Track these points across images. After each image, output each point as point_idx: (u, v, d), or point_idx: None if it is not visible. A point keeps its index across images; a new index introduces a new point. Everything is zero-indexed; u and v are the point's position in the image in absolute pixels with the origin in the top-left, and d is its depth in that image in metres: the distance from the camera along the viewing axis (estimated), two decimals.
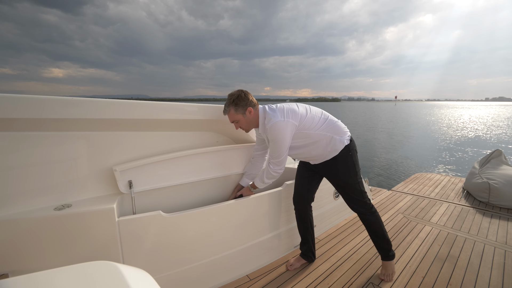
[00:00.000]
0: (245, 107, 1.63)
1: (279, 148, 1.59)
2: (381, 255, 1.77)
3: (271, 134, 1.57)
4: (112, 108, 1.45)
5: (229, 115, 1.67)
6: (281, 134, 1.55)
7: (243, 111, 1.64)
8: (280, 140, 1.57)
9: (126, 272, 0.54)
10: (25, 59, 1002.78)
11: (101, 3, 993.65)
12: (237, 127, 1.72)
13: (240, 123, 1.68)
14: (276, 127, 1.54)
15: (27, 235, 1.24)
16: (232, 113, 1.64)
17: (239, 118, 1.66)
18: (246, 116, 1.65)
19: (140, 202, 1.66)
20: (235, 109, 1.63)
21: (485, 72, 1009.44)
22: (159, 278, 1.47)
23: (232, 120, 1.68)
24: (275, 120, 1.54)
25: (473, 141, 14.46)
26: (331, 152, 1.63)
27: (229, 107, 1.64)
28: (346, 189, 1.68)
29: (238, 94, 1.63)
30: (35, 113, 1.24)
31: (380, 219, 1.72)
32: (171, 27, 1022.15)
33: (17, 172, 1.30)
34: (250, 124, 1.69)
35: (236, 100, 1.62)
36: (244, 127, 1.71)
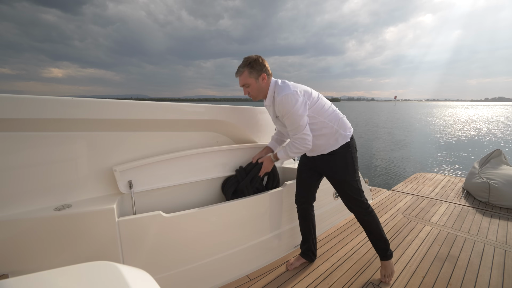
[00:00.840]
0: (259, 72, 1.57)
1: (295, 119, 1.52)
2: (380, 255, 1.76)
3: (282, 107, 1.52)
4: (112, 108, 1.45)
5: (241, 76, 1.60)
6: (294, 105, 1.50)
7: (256, 76, 1.58)
8: (294, 111, 1.50)
9: (126, 273, 0.54)
10: (25, 59, 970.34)
11: (100, 3, 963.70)
12: (245, 92, 1.65)
13: (250, 88, 1.61)
14: (287, 99, 1.49)
15: (27, 235, 1.24)
16: (246, 75, 1.58)
17: (251, 82, 1.59)
18: (258, 82, 1.59)
19: (140, 202, 1.66)
20: (249, 71, 1.57)
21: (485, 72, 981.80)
22: (159, 278, 1.47)
23: (243, 83, 1.61)
24: (286, 92, 1.50)
25: (473, 141, 14.47)
26: (332, 145, 1.62)
27: (243, 68, 1.58)
28: (343, 186, 1.66)
29: (255, 58, 1.57)
30: (35, 114, 1.24)
31: (377, 219, 1.71)
32: (171, 27, 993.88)
33: (17, 173, 1.30)
34: (260, 91, 1.63)
35: (252, 63, 1.56)
36: (253, 94, 1.64)
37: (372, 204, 3.11)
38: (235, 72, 1.64)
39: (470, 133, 18.00)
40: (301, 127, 1.55)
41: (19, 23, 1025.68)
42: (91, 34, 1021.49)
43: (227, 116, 1.93)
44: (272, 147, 2.00)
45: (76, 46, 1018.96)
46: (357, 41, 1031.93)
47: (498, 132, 18.71)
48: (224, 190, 1.96)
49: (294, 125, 1.55)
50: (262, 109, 2.19)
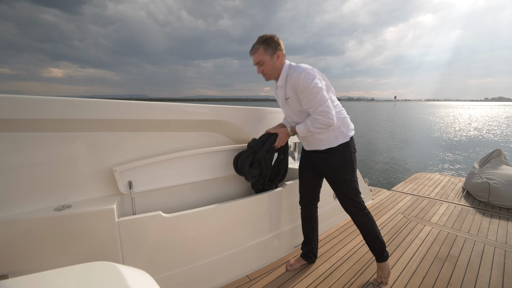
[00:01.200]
0: (274, 50, 1.55)
1: (315, 94, 1.46)
2: (376, 257, 1.74)
3: (300, 83, 1.47)
4: (112, 108, 1.45)
5: (256, 54, 1.57)
6: (313, 81, 1.46)
7: (271, 53, 1.55)
8: (313, 86, 1.45)
9: (126, 273, 0.54)
10: (24, 59, 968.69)
11: (100, 3, 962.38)
12: (259, 71, 1.62)
13: (265, 65, 1.58)
14: (306, 74, 1.46)
15: (27, 235, 1.24)
16: (261, 52, 1.55)
17: (265, 60, 1.56)
18: (273, 60, 1.56)
19: (140, 203, 1.66)
20: (264, 48, 1.54)
21: (484, 72, 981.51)
22: (159, 279, 1.46)
23: (258, 60, 1.57)
24: (303, 69, 1.48)
25: (473, 141, 14.47)
26: (331, 142, 1.60)
27: (259, 45, 1.54)
28: (341, 186, 1.65)
29: (271, 36, 1.55)
30: (35, 114, 1.24)
31: (373, 220, 1.70)
32: (171, 27, 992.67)
33: (17, 173, 1.30)
34: (274, 70, 1.60)
35: (268, 40, 1.54)
36: (267, 72, 1.60)
37: (372, 204, 3.11)
38: (250, 50, 1.61)
39: (470, 133, 18.00)
40: (323, 100, 1.48)
41: (19, 23, 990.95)
42: (91, 34, 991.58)
43: (227, 116, 1.93)
44: (285, 124, 1.92)
45: (76, 46, 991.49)
46: (357, 41, 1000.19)
47: (498, 132, 18.72)
48: (239, 165, 1.85)
49: (315, 99, 1.48)
50: (262, 109, 2.19)
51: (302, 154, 1.87)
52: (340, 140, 1.60)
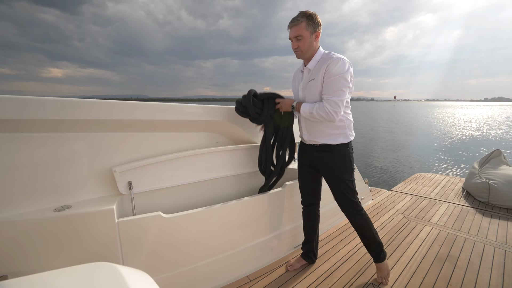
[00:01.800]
0: (315, 28, 1.50)
1: (341, 84, 1.45)
2: (374, 258, 1.74)
3: (337, 67, 1.44)
4: (112, 109, 1.45)
5: (298, 26, 1.48)
6: (347, 71, 1.45)
7: (313, 30, 1.49)
8: (344, 76, 1.45)
9: (126, 274, 0.54)
10: (24, 59, 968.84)
11: (99, 3, 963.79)
12: (295, 46, 1.54)
13: (303, 41, 1.50)
14: (344, 62, 1.45)
15: (26, 236, 1.24)
16: (303, 26, 1.47)
17: (306, 35, 1.49)
18: (312, 37, 1.51)
19: (140, 203, 1.66)
20: (307, 23, 1.47)
21: (484, 72, 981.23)
22: (159, 279, 1.46)
23: (297, 33, 1.49)
24: (345, 59, 1.46)
25: (472, 141, 14.48)
26: (332, 139, 1.60)
27: (302, 18, 1.47)
28: (339, 185, 1.64)
29: (314, 13, 1.48)
30: (34, 114, 1.24)
31: (369, 221, 1.69)
32: (170, 27, 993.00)
33: (17, 173, 1.30)
34: (310, 48, 1.53)
35: (312, 15, 1.47)
36: (304, 48, 1.53)
37: (372, 204, 3.11)
38: (290, 22, 1.52)
39: (470, 133, 18.02)
40: (342, 94, 1.47)
41: (18, 23, 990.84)
42: (91, 34, 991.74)
43: (226, 117, 1.93)
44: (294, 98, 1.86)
45: (76, 46, 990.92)
46: (357, 41, 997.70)
47: (497, 132, 18.73)
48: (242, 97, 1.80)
49: (337, 88, 1.45)
50: None
51: (300, 152, 1.85)
52: (341, 140, 1.61)
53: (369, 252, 1.75)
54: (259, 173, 2.08)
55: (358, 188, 2.94)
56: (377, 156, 10.57)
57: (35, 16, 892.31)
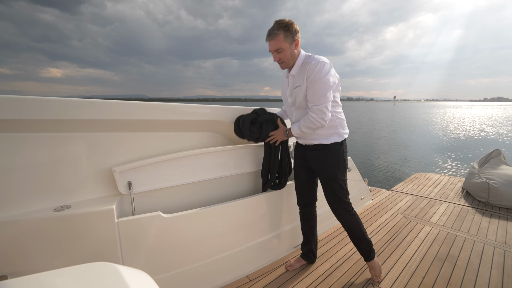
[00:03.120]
0: (294, 37, 1.48)
1: (323, 88, 1.45)
2: (364, 257, 1.75)
3: (315, 72, 1.44)
4: (112, 109, 1.45)
5: (276, 40, 1.46)
6: (327, 74, 1.44)
7: (291, 41, 1.48)
8: (325, 79, 1.44)
9: (126, 273, 0.54)
10: (23, 59, 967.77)
11: (98, 2, 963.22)
12: (276, 58, 1.53)
13: (283, 53, 1.49)
14: (323, 66, 1.44)
15: (26, 236, 1.23)
16: (281, 38, 1.45)
17: (285, 47, 1.47)
18: (292, 47, 1.49)
19: (140, 203, 1.66)
20: (285, 35, 1.45)
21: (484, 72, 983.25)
22: (159, 279, 1.46)
23: (277, 47, 1.48)
24: (323, 60, 1.45)
25: (472, 141, 14.49)
26: (325, 138, 1.61)
27: (279, 31, 1.45)
28: (332, 184, 1.64)
29: (291, 22, 1.46)
30: (34, 114, 1.24)
31: (359, 221, 1.70)
32: (170, 27, 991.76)
33: (17, 174, 1.30)
34: (292, 57, 1.53)
35: (289, 26, 1.45)
36: (286, 59, 1.53)
37: (372, 204, 3.11)
38: (267, 35, 1.51)
39: (469, 133, 18.03)
40: (325, 99, 1.46)
41: (17, 22, 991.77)
42: (90, 33, 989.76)
43: (226, 117, 1.93)
44: (279, 115, 1.90)
45: (75, 46, 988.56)
46: (357, 41, 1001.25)
47: (497, 131, 18.75)
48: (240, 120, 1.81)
49: (319, 94, 1.46)
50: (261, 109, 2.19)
51: (296, 153, 1.86)
52: (334, 139, 1.61)
53: (359, 252, 1.76)
54: (259, 173, 2.08)
55: (358, 188, 2.95)
56: (377, 156, 10.58)
57: (34, 16, 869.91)
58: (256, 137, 1.81)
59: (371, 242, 1.73)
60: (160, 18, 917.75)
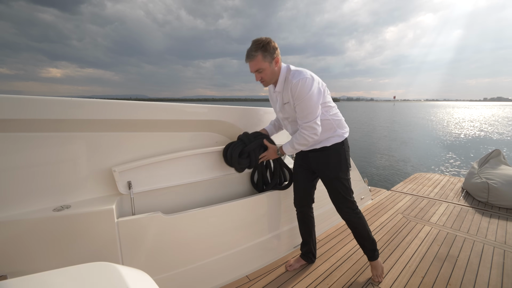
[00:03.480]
0: (273, 56, 1.48)
1: (309, 105, 1.46)
2: (368, 256, 1.75)
3: (298, 90, 1.44)
4: (111, 108, 1.45)
5: (254, 61, 1.47)
6: (310, 90, 1.44)
7: (270, 60, 1.48)
8: (309, 96, 1.44)
9: (125, 273, 0.54)
10: (23, 58, 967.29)
11: (98, 2, 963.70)
12: (258, 78, 1.54)
13: (264, 72, 1.50)
14: (305, 83, 1.43)
15: (26, 236, 1.23)
16: (259, 59, 1.46)
17: (265, 67, 1.48)
18: (272, 66, 1.50)
19: (140, 203, 1.66)
20: (263, 55, 1.45)
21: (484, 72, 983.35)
22: (159, 279, 1.46)
23: (256, 68, 1.49)
24: (304, 76, 1.45)
25: (472, 141, 14.50)
26: (325, 140, 1.62)
27: (257, 52, 1.45)
28: (335, 184, 1.65)
29: (268, 41, 1.45)
30: (33, 114, 1.24)
31: (364, 220, 1.70)
32: (170, 27, 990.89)
33: (16, 173, 1.30)
34: (273, 75, 1.54)
35: (266, 45, 1.44)
36: (267, 78, 1.54)
37: (372, 204, 3.11)
38: (246, 57, 1.52)
39: (469, 133, 18.03)
40: (314, 114, 1.49)
41: (16, 22, 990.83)
42: (89, 33, 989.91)
43: (226, 117, 1.93)
44: (268, 130, 1.93)
45: (75, 46, 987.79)
46: (357, 41, 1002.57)
47: (497, 131, 18.75)
48: (228, 154, 1.81)
49: (307, 111, 1.48)
50: (261, 109, 2.19)
51: (297, 156, 1.87)
52: (335, 140, 1.62)
53: (364, 251, 1.76)
54: None
55: (358, 188, 2.95)
56: (377, 156, 10.58)
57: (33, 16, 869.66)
58: (247, 166, 1.83)
59: (375, 242, 1.73)
60: (160, 18, 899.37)
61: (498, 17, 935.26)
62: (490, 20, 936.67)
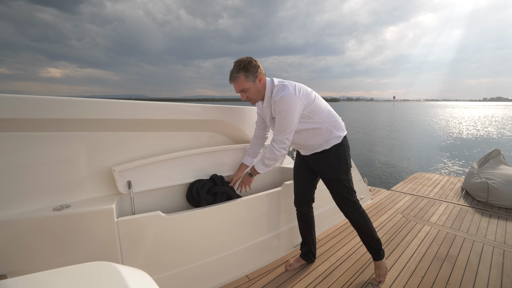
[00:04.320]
0: (255, 74, 1.51)
1: (286, 121, 1.51)
2: (373, 256, 1.76)
3: (280, 107, 1.48)
4: (111, 108, 1.45)
5: (238, 82, 1.51)
6: (290, 107, 1.48)
7: (253, 79, 1.51)
8: (289, 113, 1.49)
9: (125, 273, 0.54)
10: (22, 58, 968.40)
11: (97, 2, 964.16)
12: (244, 98, 1.57)
13: (249, 92, 1.54)
14: (286, 100, 1.47)
15: (25, 235, 1.23)
16: (242, 80, 1.50)
17: (249, 86, 1.52)
18: (256, 84, 1.53)
19: (139, 203, 1.66)
20: (245, 75, 1.49)
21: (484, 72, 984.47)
22: (158, 279, 1.46)
23: (240, 88, 1.53)
24: (286, 92, 1.47)
25: (471, 141, 14.51)
26: (324, 144, 1.62)
27: (238, 73, 1.49)
28: (336, 185, 1.65)
29: (248, 60, 1.49)
30: (34, 114, 1.24)
31: (368, 219, 1.71)
32: (169, 27, 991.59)
33: (16, 173, 1.30)
34: (259, 93, 1.57)
35: (247, 66, 1.49)
36: (253, 97, 1.57)
37: (371, 204, 3.11)
38: (229, 79, 1.56)
39: (469, 133, 18.04)
40: (288, 130, 1.54)
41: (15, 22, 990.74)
42: (89, 33, 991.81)
43: (226, 116, 1.93)
44: (247, 163, 1.92)
45: (74, 46, 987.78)
46: (357, 41, 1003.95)
47: (496, 131, 18.76)
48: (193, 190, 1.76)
49: (283, 126, 1.53)
50: None
51: (297, 155, 1.89)
52: (334, 142, 1.63)
53: (368, 250, 1.76)
54: None
55: (358, 187, 2.95)
56: (377, 155, 10.58)
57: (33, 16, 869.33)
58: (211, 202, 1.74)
59: (380, 241, 1.74)
60: (159, 18, 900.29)
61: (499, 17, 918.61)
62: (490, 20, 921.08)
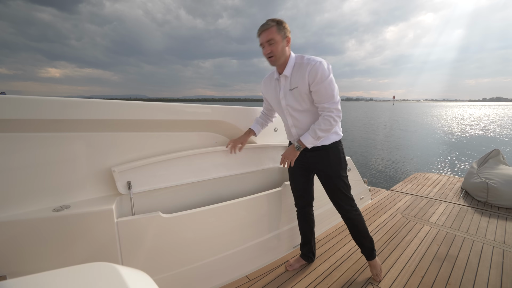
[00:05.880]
0: (286, 34, 1.49)
1: (332, 87, 1.46)
2: (367, 255, 1.75)
3: (320, 73, 1.43)
4: (111, 108, 1.45)
5: (269, 31, 1.45)
6: (330, 73, 1.47)
7: (283, 35, 1.48)
8: (331, 79, 1.46)
9: (125, 274, 0.54)
10: (21, 58, 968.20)
11: (97, 1, 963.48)
12: (267, 51, 1.49)
13: (275, 46, 1.47)
14: (325, 66, 1.44)
15: (25, 236, 1.23)
16: (274, 30, 1.45)
17: (277, 39, 1.46)
18: (283, 43, 1.49)
19: (139, 203, 1.66)
20: (278, 28, 1.46)
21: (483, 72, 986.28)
22: (158, 279, 1.46)
23: (269, 37, 1.46)
24: (319, 59, 1.46)
25: (471, 141, 14.52)
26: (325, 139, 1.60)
27: (272, 23, 1.46)
28: (336, 182, 1.64)
29: (282, 20, 1.48)
30: (33, 114, 1.24)
31: (363, 217, 1.72)
32: (169, 26, 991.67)
33: (16, 174, 1.30)
34: (282, 53, 1.50)
35: (281, 22, 1.47)
36: (277, 53, 1.49)
37: (371, 204, 3.12)
38: (259, 28, 1.49)
39: (468, 133, 18.06)
40: (336, 95, 1.48)
41: (14, 21, 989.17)
42: (88, 33, 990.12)
43: (225, 117, 1.93)
44: (255, 130, 1.92)
45: (73, 46, 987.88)
46: (357, 41, 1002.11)
47: (496, 131, 18.79)
48: None
49: (332, 92, 1.47)
50: (260, 109, 2.19)
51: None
52: (334, 138, 1.63)
53: (362, 250, 1.76)
54: (258, 173, 2.08)
55: (358, 188, 2.95)
56: (376, 156, 10.59)
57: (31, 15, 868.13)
58: None
59: (373, 240, 1.74)
60: (159, 18, 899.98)
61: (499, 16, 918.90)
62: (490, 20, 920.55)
